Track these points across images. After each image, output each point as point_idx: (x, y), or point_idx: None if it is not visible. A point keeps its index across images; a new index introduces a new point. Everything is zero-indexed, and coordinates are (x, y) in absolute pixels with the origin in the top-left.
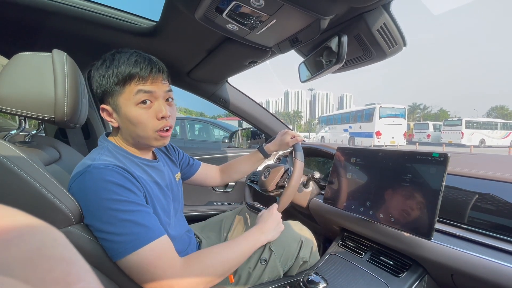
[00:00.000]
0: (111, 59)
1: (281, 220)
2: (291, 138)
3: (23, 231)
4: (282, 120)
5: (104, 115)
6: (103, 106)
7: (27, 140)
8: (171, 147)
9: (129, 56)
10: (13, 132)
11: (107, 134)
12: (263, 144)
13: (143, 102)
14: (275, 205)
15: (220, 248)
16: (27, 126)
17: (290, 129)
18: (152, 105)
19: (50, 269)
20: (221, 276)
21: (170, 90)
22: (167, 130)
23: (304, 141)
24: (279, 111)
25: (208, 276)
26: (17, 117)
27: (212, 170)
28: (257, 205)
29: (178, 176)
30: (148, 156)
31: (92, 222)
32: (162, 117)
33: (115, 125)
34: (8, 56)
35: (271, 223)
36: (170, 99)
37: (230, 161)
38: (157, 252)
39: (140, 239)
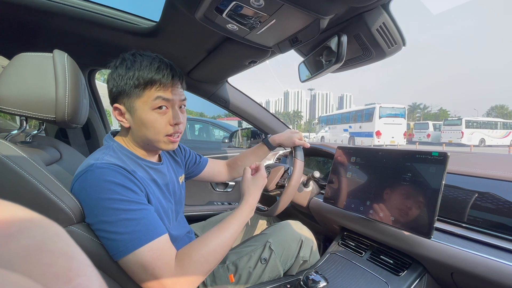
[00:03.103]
0: (132, 60)
1: (261, 175)
2: (299, 140)
3: (23, 225)
4: (282, 120)
5: (115, 114)
6: (116, 105)
7: (28, 140)
8: (178, 147)
9: (151, 61)
10: (14, 132)
11: (114, 134)
12: (268, 136)
13: (159, 107)
14: (247, 169)
15: (211, 237)
16: (27, 127)
17: (289, 128)
18: (168, 111)
19: (51, 263)
20: (217, 263)
21: (185, 99)
22: (177, 136)
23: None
24: (279, 111)
25: (203, 269)
26: (17, 117)
27: (219, 165)
28: (257, 204)
29: (181, 178)
30: (154, 158)
31: (93, 221)
32: (175, 124)
33: (126, 125)
34: (9, 56)
35: (259, 195)
36: (183, 106)
37: (236, 156)
38: (155, 252)
39: (140, 237)
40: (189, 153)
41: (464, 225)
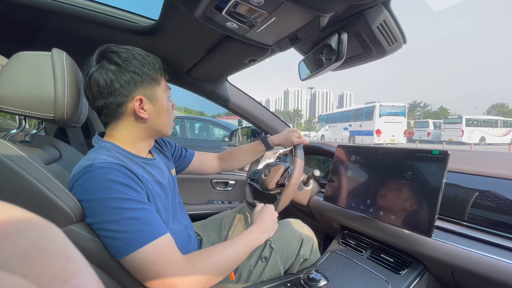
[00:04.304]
0: (135, 51)
1: (277, 219)
2: (297, 138)
3: (20, 226)
4: (282, 119)
5: (137, 106)
6: (140, 96)
7: (27, 139)
8: (163, 141)
9: (146, 53)
10: (13, 131)
11: (101, 135)
12: (267, 135)
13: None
14: (258, 205)
15: (222, 247)
16: (27, 126)
17: (289, 127)
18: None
19: (48, 264)
20: (222, 274)
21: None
22: None
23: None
24: (279, 109)
25: (210, 275)
26: (17, 117)
27: (208, 157)
28: (258, 203)
29: (173, 171)
30: (147, 155)
31: (95, 221)
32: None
33: (145, 116)
34: (8, 55)
35: (269, 223)
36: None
37: (230, 149)
38: (160, 250)
39: (144, 236)
40: (174, 147)
41: (465, 223)
